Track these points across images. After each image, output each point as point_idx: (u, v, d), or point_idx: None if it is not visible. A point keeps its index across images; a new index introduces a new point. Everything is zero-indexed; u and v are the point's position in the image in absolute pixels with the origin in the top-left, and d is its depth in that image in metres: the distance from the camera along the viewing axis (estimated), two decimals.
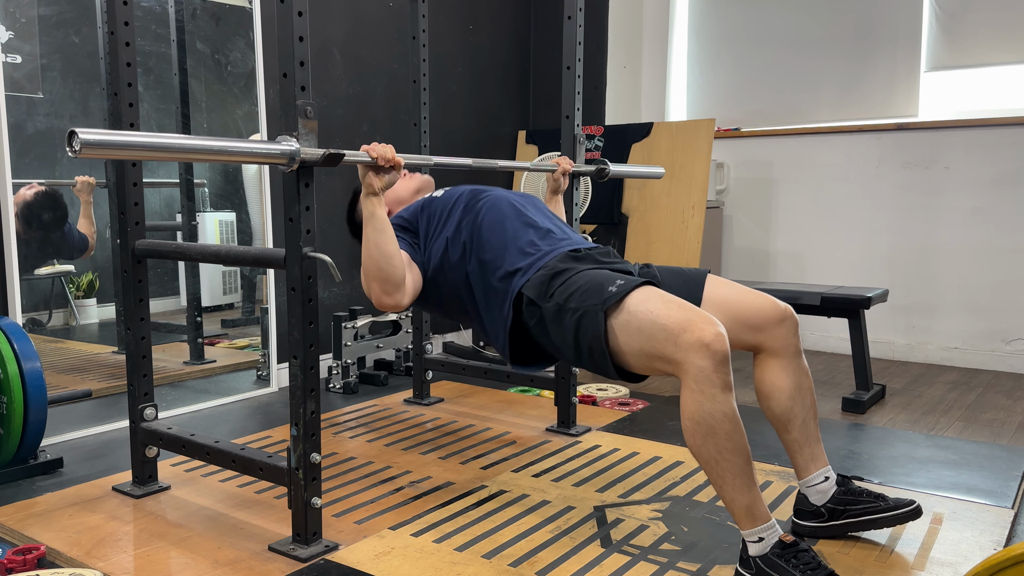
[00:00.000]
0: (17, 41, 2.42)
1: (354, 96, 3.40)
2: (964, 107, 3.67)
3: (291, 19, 1.58)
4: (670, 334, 1.47)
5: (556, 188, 2.38)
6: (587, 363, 1.65)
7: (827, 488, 1.74)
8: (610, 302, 1.57)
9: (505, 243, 1.82)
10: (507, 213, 1.87)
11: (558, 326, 1.65)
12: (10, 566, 1.59)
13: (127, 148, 1.37)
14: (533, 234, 1.84)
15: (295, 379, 1.66)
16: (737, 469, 1.46)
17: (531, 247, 1.80)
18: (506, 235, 1.83)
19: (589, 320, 1.59)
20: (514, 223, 1.85)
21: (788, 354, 1.73)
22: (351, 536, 1.77)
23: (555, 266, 1.73)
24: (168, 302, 3.02)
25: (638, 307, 1.54)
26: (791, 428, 1.73)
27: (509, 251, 1.80)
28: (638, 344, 1.53)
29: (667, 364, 1.49)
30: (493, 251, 1.82)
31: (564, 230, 1.91)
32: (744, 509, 1.47)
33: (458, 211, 1.92)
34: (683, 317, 1.47)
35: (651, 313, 1.51)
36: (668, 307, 1.51)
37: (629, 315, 1.54)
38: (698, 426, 1.45)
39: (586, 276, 1.67)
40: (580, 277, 1.67)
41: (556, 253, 1.78)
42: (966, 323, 3.63)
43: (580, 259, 1.76)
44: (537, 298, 1.70)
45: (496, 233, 1.84)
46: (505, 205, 1.90)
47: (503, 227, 1.84)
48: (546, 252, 1.79)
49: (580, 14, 2.43)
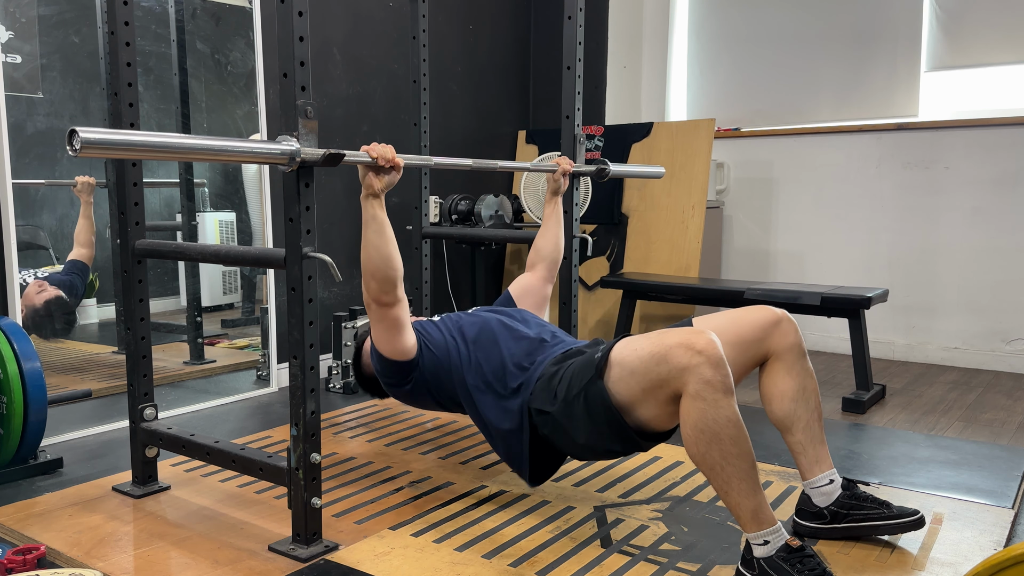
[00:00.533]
0: (17, 41, 2.42)
1: (354, 96, 3.40)
2: (964, 107, 3.67)
3: (291, 19, 1.58)
4: (660, 358, 1.49)
5: (556, 188, 2.38)
6: (610, 441, 1.65)
7: (831, 491, 1.73)
8: (600, 365, 1.60)
9: (503, 362, 1.85)
10: (498, 331, 1.92)
11: (571, 420, 1.67)
12: (10, 566, 1.59)
13: (127, 148, 1.37)
14: (527, 349, 1.87)
15: (295, 379, 1.66)
16: (743, 474, 1.45)
17: (527, 363, 1.83)
18: (502, 354, 1.86)
19: (593, 393, 1.61)
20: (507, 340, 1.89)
21: (792, 355, 1.73)
22: (351, 536, 1.77)
23: (548, 371, 1.77)
24: (168, 302, 3.02)
25: (624, 353, 1.58)
26: (795, 430, 1.73)
27: (508, 369, 1.84)
28: (638, 385, 1.54)
29: (668, 387, 1.49)
30: (493, 371, 1.85)
31: (555, 335, 1.94)
32: (750, 513, 1.46)
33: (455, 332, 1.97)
34: (669, 339, 1.50)
35: (637, 352, 1.55)
36: (649, 339, 1.55)
37: (620, 366, 1.57)
38: (702, 434, 1.45)
39: (575, 365, 1.71)
40: (571, 368, 1.71)
41: (548, 361, 1.81)
42: (966, 323, 3.63)
43: (569, 356, 1.79)
44: (544, 405, 1.72)
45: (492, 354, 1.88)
46: (494, 323, 1.94)
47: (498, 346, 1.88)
48: (541, 362, 1.82)
49: (580, 14, 2.43)
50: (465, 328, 1.96)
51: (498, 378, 1.84)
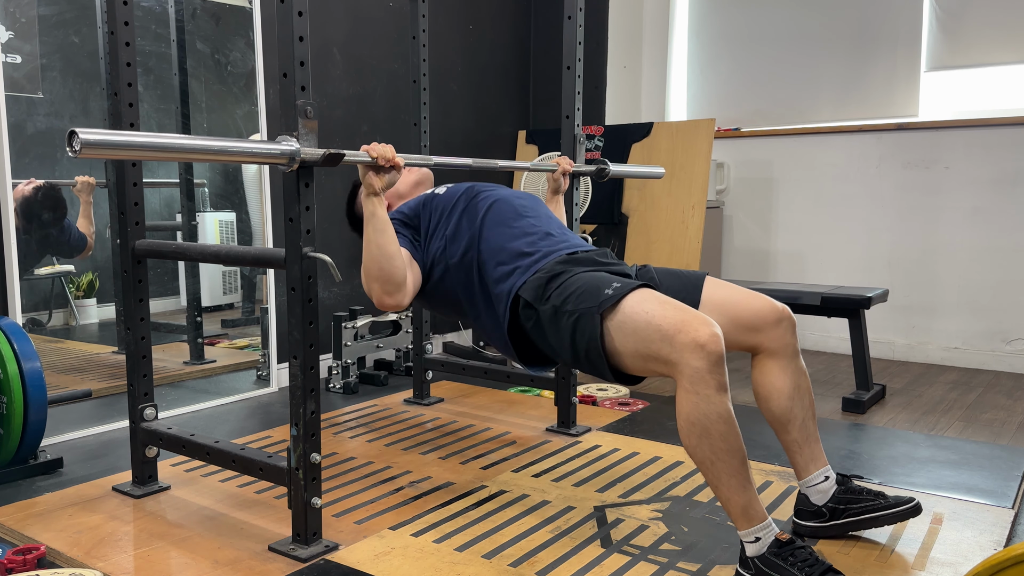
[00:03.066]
0: (17, 41, 2.42)
1: (354, 96, 3.40)
2: (964, 107, 3.67)
3: (291, 19, 1.58)
4: (665, 335, 1.47)
5: (556, 188, 2.38)
6: (584, 365, 1.65)
7: (827, 488, 1.74)
8: (606, 304, 1.57)
9: (503, 244, 1.82)
10: (507, 214, 1.87)
11: (555, 329, 1.66)
12: (10, 566, 1.59)
13: (127, 148, 1.37)
14: (532, 236, 1.84)
15: (295, 379, 1.66)
16: (732, 470, 1.46)
17: (529, 249, 1.80)
18: (504, 236, 1.83)
19: (585, 323, 1.59)
20: (513, 224, 1.85)
21: (786, 355, 1.73)
22: (351, 536, 1.77)
23: (552, 269, 1.73)
24: (168, 302, 3.02)
25: (634, 309, 1.54)
26: (790, 428, 1.73)
27: (507, 252, 1.81)
28: (633, 346, 1.53)
29: (663, 365, 1.49)
30: (491, 252, 1.82)
31: (563, 232, 1.91)
32: (740, 509, 1.47)
33: (458, 210, 1.92)
34: (678, 318, 1.47)
35: (647, 315, 1.51)
36: (664, 308, 1.51)
37: (625, 317, 1.54)
38: (693, 427, 1.45)
39: (583, 279, 1.67)
40: (577, 280, 1.67)
41: (554, 256, 1.78)
42: (966, 323, 3.63)
43: (578, 262, 1.76)
44: (533, 300, 1.70)
45: (495, 234, 1.84)
46: (505, 206, 1.90)
47: (502, 228, 1.84)
48: (544, 254, 1.79)
49: (580, 14, 2.43)
50: (476, 202, 1.91)
51: (496, 260, 1.81)
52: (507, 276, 1.78)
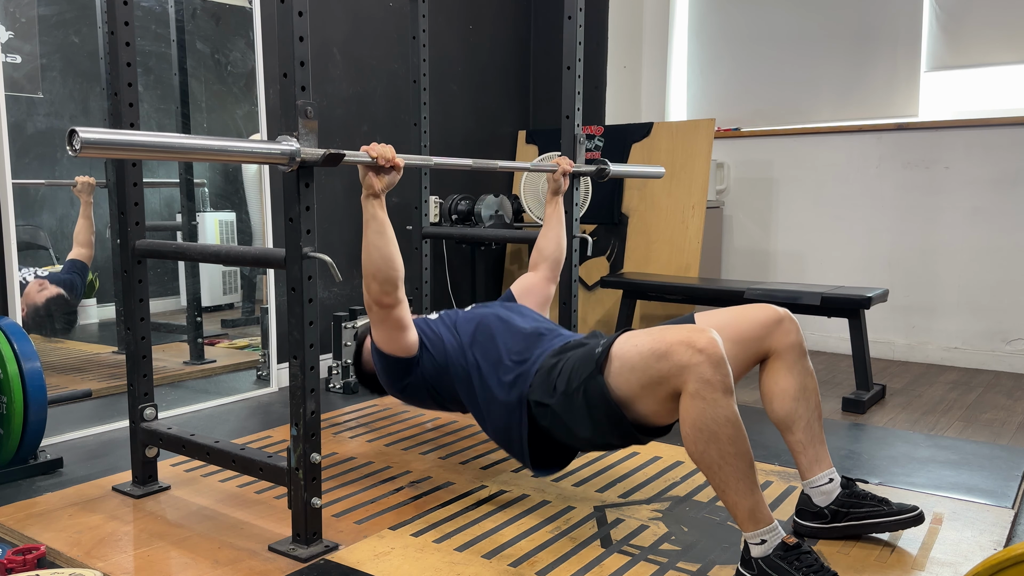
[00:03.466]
0: (17, 41, 2.42)
1: (354, 96, 3.40)
2: (964, 107, 3.67)
3: (291, 19, 1.58)
4: (660, 354, 1.48)
5: (556, 188, 2.38)
6: (609, 434, 1.65)
7: (831, 490, 1.73)
8: (601, 359, 1.60)
9: (500, 358, 1.84)
10: (495, 325, 1.91)
11: (571, 413, 1.67)
12: (10, 566, 1.59)
13: (127, 148, 1.37)
14: (524, 342, 1.87)
15: (295, 379, 1.66)
16: (740, 473, 1.45)
17: (524, 356, 1.83)
18: (498, 347, 1.86)
19: (592, 387, 1.60)
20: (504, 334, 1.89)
21: (793, 355, 1.73)
22: (351, 536, 1.77)
23: (547, 363, 1.76)
24: (168, 302, 3.02)
25: (625, 348, 1.57)
26: (795, 429, 1.73)
27: (504, 364, 1.83)
28: (638, 381, 1.54)
29: (668, 384, 1.49)
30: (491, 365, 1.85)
31: (553, 329, 1.94)
32: (747, 512, 1.47)
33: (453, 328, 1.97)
34: (670, 336, 1.49)
35: (638, 347, 1.54)
36: (651, 335, 1.54)
37: (621, 361, 1.57)
38: (700, 433, 1.45)
39: (575, 357, 1.70)
40: (570, 360, 1.70)
41: (547, 353, 1.81)
42: (966, 323, 3.63)
43: (568, 348, 1.79)
44: (544, 397, 1.72)
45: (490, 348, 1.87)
46: (491, 318, 1.94)
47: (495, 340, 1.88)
48: (539, 356, 1.81)
49: (580, 14, 2.43)
50: (462, 324, 1.96)
51: (496, 371, 1.83)
52: (512, 385, 1.80)
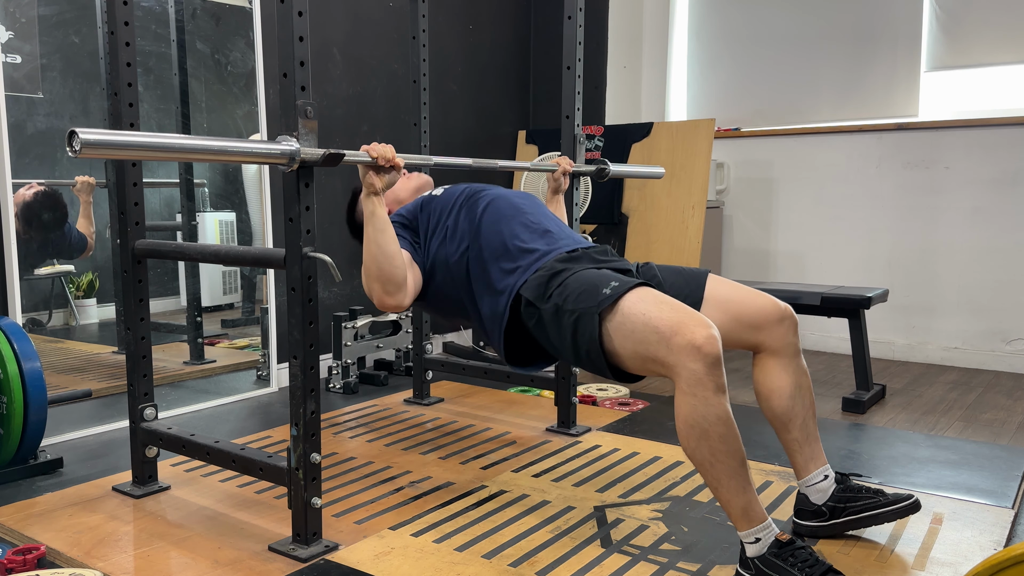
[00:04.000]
0: (17, 41, 2.42)
1: (354, 96, 3.40)
2: (964, 107, 3.67)
3: (291, 19, 1.58)
4: (662, 336, 1.47)
5: (556, 188, 2.38)
6: (585, 364, 1.65)
7: (827, 487, 1.74)
8: (604, 304, 1.57)
9: (503, 242, 1.82)
10: (506, 212, 1.87)
11: (556, 327, 1.66)
12: (10, 566, 1.59)
13: (127, 148, 1.37)
14: (531, 234, 1.84)
15: (295, 379, 1.66)
16: (731, 471, 1.46)
17: (529, 247, 1.80)
18: (504, 235, 1.83)
19: (585, 323, 1.59)
20: (512, 222, 1.85)
21: (788, 354, 1.73)
22: (351, 536, 1.77)
23: (552, 267, 1.73)
24: (168, 302, 3.02)
25: (632, 309, 1.54)
26: (791, 427, 1.73)
27: (507, 251, 1.80)
28: (632, 346, 1.53)
29: (660, 366, 1.49)
30: (491, 250, 1.82)
31: (563, 230, 1.91)
32: (740, 510, 1.47)
33: (457, 210, 1.92)
34: (675, 319, 1.47)
35: (644, 315, 1.51)
36: (661, 309, 1.51)
37: (623, 317, 1.54)
38: (692, 429, 1.45)
39: (583, 277, 1.66)
40: (577, 278, 1.67)
41: (554, 254, 1.78)
42: (966, 323, 3.63)
43: (577, 259, 1.76)
44: (535, 299, 1.70)
45: (494, 232, 1.84)
46: (504, 204, 1.90)
47: (501, 226, 1.84)
48: (544, 252, 1.79)
49: (580, 14, 2.43)
50: (475, 201, 1.91)
51: (495, 258, 1.81)
52: (508, 274, 1.78)
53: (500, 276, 1.79)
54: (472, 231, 1.86)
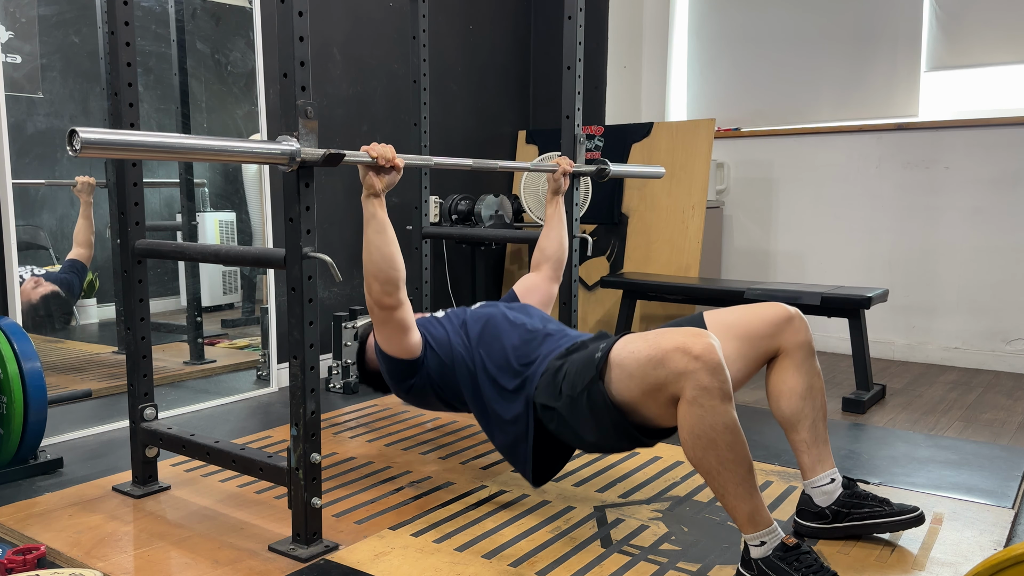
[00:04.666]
0: (17, 41, 2.42)
1: (354, 96, 3.40)
2: (964, 107, 3.67)
3: (291, 19, 1.58)
4: (657, 361, 1.48)
5: (556, 188, 2.38)
6: (615, 439, 1.65)
7: (832, 490, 1.73)
8: (600, 365, 1.59)
9: (507, 356, 1.84)
10: (501, 325, 1.91)
11: (576, 416, 1.66)
12: (10, 566, 1.59)
13: (127, 148, 1.37)
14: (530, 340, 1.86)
15: (295, 379, 1.66)
16: (739, 478, 1.45)
17: (532, 356, 1.82)
18: (505, 348, 1.86)
19: (594, 393, 1.60)
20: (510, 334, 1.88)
21: (802, 353, 1.73)
22: (351, 536, 1.77)
23: (553, 365, 1.76)
24: (168, 302, 3.02)
25: (622, 355, 1.57)
26: (801, 428, 1.73)
27: (512, 363, 1.83)
28: (637, 388, 1.53)
29: (667, 391, 1.48)
30: (497, 365, 1.85)
31: (561, 328, 1.94)
32: (746, 516, 1.47)
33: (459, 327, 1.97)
34: (665, 342, 1.48)
35: (635, 353, 1.54)
36: (647, 341, 1.53)
37: (619, 367, 1.56)
38: (698, 439, 1.45)
39: (577, 360, 1.70)
40: (572, 363, 1.70)
41: (553, 354, 1.80)
42: (966, 323, 3.63)
43: (573, 350, 1.78)
44: (550, 400, 1.71)
45: (496, 348, 1.87)
46: (498, 317, 1.94)
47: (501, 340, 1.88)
48: (545, 356, 1.81)
49: (580, 14, 2.43)
50: (469, 323, 1.96)
51: (502, 372, 1.83)
52: (520, 388, 1.80)
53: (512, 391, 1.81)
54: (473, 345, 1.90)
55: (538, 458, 1.82)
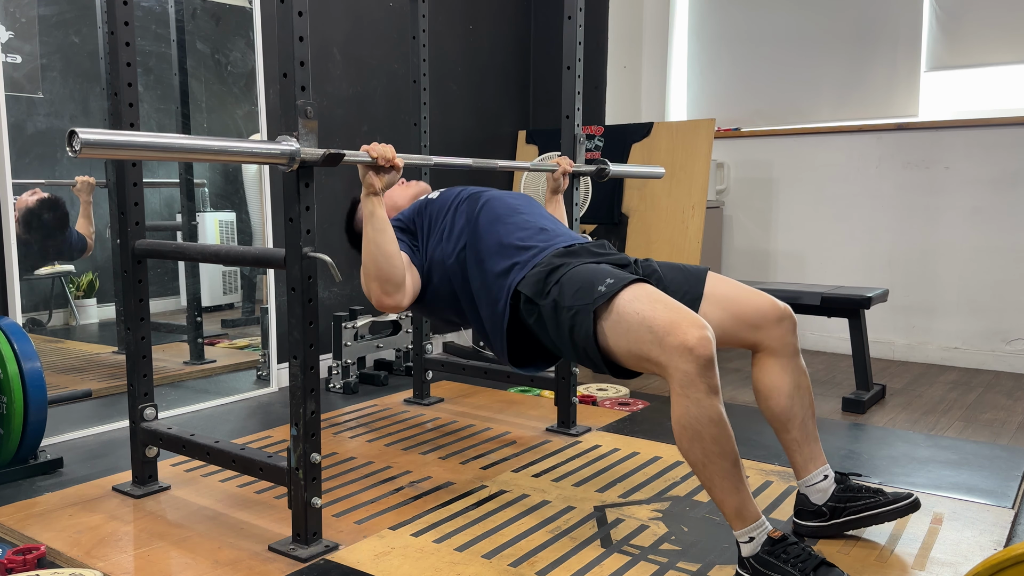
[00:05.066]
0: (17, 41, 2.42)
1: (354, 96, 3.40)
2: (964, 107, 3.67)
3: (291, 19, 1.58)
4: (656, 336, 1.47)
5: (556, 188, 2.38)
6: (583, 360, 1.66)
7: (827, 487, 1.74)
8: (600, 302, 1.57)
9: (500, 241, 1.82)
10: (502, 212, 1.88)
11: (555, 324, 1.66)
12: (10, 566, 1.59)
13: (127, 148, 1.37)
14: (527, 231, 1.84)
15: (295, 379, 1.66)
16: (724, 472, 1.46)
17: (526, 243, 1.81)
18: (500, 233, 1.83)
19: (582, 319, 1.59)
20: (508, 221, 1.86)
21: (786, 353, 1.73)
22: (351, 536, 1.77)
23: (550, 262, 1.73)
24: (168, 302, 3.02)
25: (626, 307, 1.55)
26: (790, 427, 1.73)
27: (504, 249, 1.81)
28: (626, 344, 1.54)
29: (654, 365, 1.50)
30: (488, 249, 1.83)
31: (558, 226, 1.92)
32: (733, 510, 1.48)
33: (453, 210, 1.93)
34: (669, 319, 1.48)
35: (638, 314, 1.52)
36: (655, 308, 1.51)
37: (618, 316, 1.55)
38: (684, 430, 1.46)
39: (579, 272, 1.67)
40: (574, 274, 1.67)
41: (551, 249, 1.79)
42: (966, 323, 3.63)
43: (575, 253, 1.76)
44: (534, 296, 1.70)
45: (491, 232, 1.84)
46: (500, 204, 1.91)
47: (497, 225, 1.85)
48: (541, 248, 1.79)
49: (580, 14, 2.43)
50: (471, 201, 1.93)
51: (491, 255, 1.81)
52: (506, 272, 1.78)
53: (498, 274, 1.79)
54: (469, 230, 1.87)
55: (513, 345, 1.81)
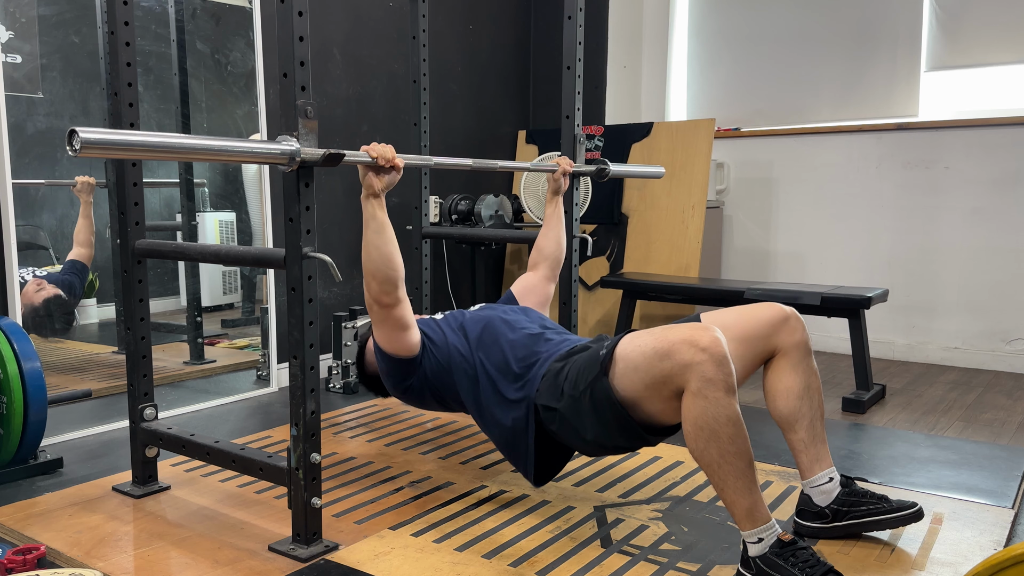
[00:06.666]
0: (17, 41, 2.42)
1: (354, 96, 3.40)
2: (964, 107, 3.67)
3: (291, 19, 1.58)
4: (663, 354, 1.49)
5: (556, 188, 2.38)
6: (617, 437, 1.66)
7: (831, 489, 1.73)
8: (605, 361, 1.60)
9: (506, 359, 1.85)
10: (500, 328, 1.92)
11: (578, 416, 1.67)
12: (10, 566, 1.59)
13: (127, 148, 1.37)
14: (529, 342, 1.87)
15: (295, 379, 1.66)
16: (739, 472, 1.46)
17: (533, 358, 1.83)
18: (504, 351, 1.86)
19: (598, 391, 1.61)
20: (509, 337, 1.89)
21: (799, 353, 1.73)
22: (351, 536, 1.77)
23: (553, 367, 1.76)
24: (168, 302, 3.02)
25: (628, 350, 1.58)
26: (798, 428, 1.73)
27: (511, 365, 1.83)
28: (642, 381, 1.54)
29: (672, 383, 1.49)
30: (496, 367, 1.85)
31: (559, 331, 1.95)
32: (745, 511, 1.47)
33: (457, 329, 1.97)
34: (675, 335, 1.49)
35: (641, 347, 1.55)
36: (653, 335, 1.54)
37: (624, 362, 1.57)
38: (701, 431, 1.45)
39: (580, 361, 1.71)
40: (576, 363, 1.71)
41: (554, 356, 1.81)
42: (966, 323, 3.63)
43: (574, 352, 1.79)
44: (551, 401, 1.72)
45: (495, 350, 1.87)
46: (497, 320, 1.94)
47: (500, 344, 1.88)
48: (545, 359, 1.81)
49: (580, 14, 2.43)
50: (468, 325, 1.96)
51: (502, 374, 1.84)
52: (520, 391, 1.80)
53: (513, 394, 1.81)
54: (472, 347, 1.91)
55: (539, 459, 1.82)
